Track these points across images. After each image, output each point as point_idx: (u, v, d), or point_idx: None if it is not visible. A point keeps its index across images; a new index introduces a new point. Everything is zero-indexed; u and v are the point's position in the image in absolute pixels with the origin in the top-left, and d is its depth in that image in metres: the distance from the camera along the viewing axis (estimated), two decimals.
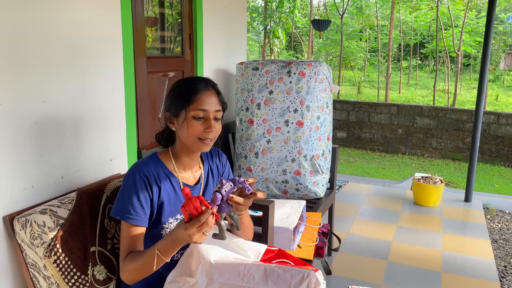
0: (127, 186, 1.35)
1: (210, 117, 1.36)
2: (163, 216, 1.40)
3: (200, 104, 1.35)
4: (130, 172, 1.38)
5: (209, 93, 1.37)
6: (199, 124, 1.35)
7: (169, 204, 1.41)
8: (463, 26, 12.18)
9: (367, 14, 16.83)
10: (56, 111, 1.63)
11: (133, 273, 1.30)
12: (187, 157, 1.45)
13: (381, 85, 15.33)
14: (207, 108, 1.36)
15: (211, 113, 1.36)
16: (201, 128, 1.35)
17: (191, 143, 1.38)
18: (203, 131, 1.35)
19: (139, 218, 1.33)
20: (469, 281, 2.73)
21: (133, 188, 1.34)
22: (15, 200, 1.47)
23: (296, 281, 1.24)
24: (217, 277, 1.29)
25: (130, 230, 1.33)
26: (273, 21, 14.47)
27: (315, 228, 2.24)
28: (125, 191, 1.36)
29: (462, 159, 7.39)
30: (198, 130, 1.35)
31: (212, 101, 1.37)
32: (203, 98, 1.36)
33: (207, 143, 1.38)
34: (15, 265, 1.48)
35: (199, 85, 1.38)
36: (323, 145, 2.66)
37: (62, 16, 1.62)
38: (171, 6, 2.61)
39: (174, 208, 1.43)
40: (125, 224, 1.34)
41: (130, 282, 1.34)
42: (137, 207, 1.34)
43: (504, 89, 17.21)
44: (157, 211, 1.39)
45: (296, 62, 2.61)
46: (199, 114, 1.35)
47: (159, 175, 1.40)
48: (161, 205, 1.40)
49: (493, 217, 4.03)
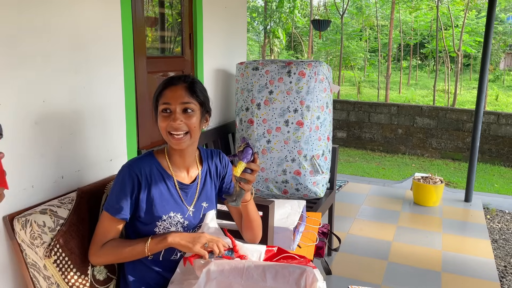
0: (116, 181, 1.41)
1: (176, 110, 1.37)
2: (155, 212, 1.42)
3: (165, 98, 1.39)
4: (122, 167, 1.42)
5: (176, 87, 1.40)
6: (166, 118, 1.38)
7: (161, 201, 1.43)
8: (463, 26, 12.18)
9: (367, 14, 16.82)
10: (56, 111, 1.63)
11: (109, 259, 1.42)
12: (177, 156, 1.47)
13: (381, 85, 15.33)
14: (171, 101, 1.38)
15: (177, 106, 1.38)
16: (167, 121, 1.38)
17: (166, 139, 1.42)
18: (168, 124, 1.37)
19: (121, 211, 1.38)
20: (469, 281, 2.73)
21: (121, 183, 1.39)
22: (15, 200, 1.47)
23: (294, 277, 1.25)
24: (216, 275, 1.29)
25: (111, 221, 1.40)
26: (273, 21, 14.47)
27: (315, 228, 2.24)
28: (114, 185, 1.41)
29: (462, 159, 7.39)
30: (164, 123, 1.38)
31: (177, 94, 1.38)
32: (168, 92, 1.39)
33: (176, 137, 1.38)
34: (15, 265, 1.48)
35: (172, 81, 1.42)
36: (323, 145, 2.66)
37: (62, 16, 1.62)
38: (171, 6, 2.61)
39: (167, 206, 1.44)
40: (107, 214, 1.40)
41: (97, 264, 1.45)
42: (122, 201, 1.38)
43: (504, 89, 17.21)
44: (148, 207, 1.41)
45: (296, 62, 2.61)
46: (165, 107, 1.38)
47: (151, 172, 1.42)
48: (152, 202, 1.41)
49: (493, 217, 4.03)
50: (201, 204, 1.51)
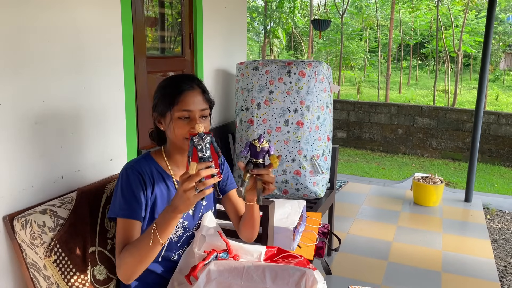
0: (121, 184, 1.35)
1: (196, 117, 1.35)
2: (156, 214, 1.39)
3: (184, 105, 1.34)
4: (122, 170, 1.38)
5: (193, 93, 1.36)
6: (185, 124, 1.34)
7: (162, 202, 1.41)
8: (463, 26, 12.19)
9: (367, 14, 16.83)
10: (56, 111, 1.63)
11: (131, 264, 1.25)
12: (179, 155, 1.45)
13: (381, 85, 15.34)
14: (191, 108, 1.34)
15: (196, 112, 1.35)
16: (187, 128, 1.34)
17: (179, 143, 1.38)
18: (189, 130, 1.34)
19: (134, 212, 1.32)
20: (469, 281, 2.73)
21: (127, 185, 1.34)
22: (15, 200, 1.47)
23: (294, 279, 1.25)
24: (216, 276, 1.29)
25: (125, 224, 1.32)
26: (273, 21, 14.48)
27: (315, 228, 2.24)
28: (119, 189, 1.35)
29: (462, 159, 7.39)
30: (184, 130, 1.34)
31: (196, 100, 1.36)
32: (187, 98, 1.35)
33: None
34: (15, 265, 1.48)
35: (183, 84, 1.37)
36: (323, 145, 2.66)
37: (62, 16, 1.62)
38: (171, 6, 2.61)
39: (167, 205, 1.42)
40: (120, 220, 1.32)
41: (127, 278, 1.28)
42: (132, 201, 1.33)
43: (504, 89, 17.21)
44: (150, 209, 1.39)
45: (296, 62, 2.61)
46: (184, 114, 1.34)
47: (152, 173, 1.40)
48: (154, 202, 1.39)
49: (493, 217, 4.03)
50: (200, 202, 1.51)
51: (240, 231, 1.55)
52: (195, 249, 1.42)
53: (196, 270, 1.33)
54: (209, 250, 1.39)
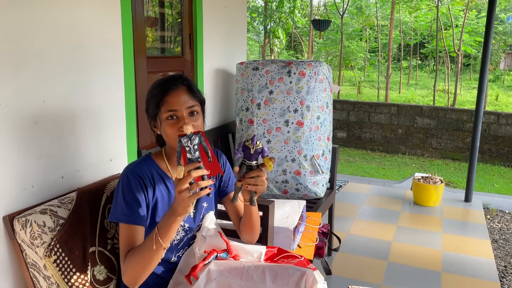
0: (122, 188, 1.34)
1: (183, 116, 1.34)
2: (157, 217, 1.39)
3: (170, 105, 1.34)
4: (123, 174, 1.37)
5: (177, 92, 1.35)
6: (174, 124, 1.34)
7: (163, 204, 1.40)
8: (463, 26, 12.19)
9: (367, 14, 16.83)
10: (56, 111, 1.63)
11: (135, 269, 1.25)
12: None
13: (381, 85, 15.34)
14: (177, 107, 1.34)
15: (183, 111, 1.34)
16: (176, 127, 1.33)
17: (173, 144, 1.37)
18: (178, 130, 1.33)
19: (136, 217, 1.32)
20: (469, 281, 2.73)
21: (128, 189, 1.33)
22: (15, 200, 1.47)
23: (294, 279, 1.25)
24: (216, 275, 1.29)
25: (128, 230, 1.31)
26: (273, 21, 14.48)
27: (315, 228, 2.24)
28: (120, 193, 1.34)
29: (462, 159, 7.39)
30: (173, 130, 1.34)
31: (182, 99, 1.35)
32: (171, 98, 1.34)
33: None
34: (15, 265, 1.48)
35: (168, 85, 1.36)
36: (323, 145, 2.66)
37: (62, 16, 1.62)
38: (171, 6, 2.61)
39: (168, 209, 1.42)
40: (123, 225, 1.32)
41: (133, 284, 1.29)
42: (134, 206, 1.32)
43: (504, 89, 17.21)
44: (152, 211, 1.38)
45: (296, 62, 2.61)
46: (170, 114, 1.34)
47: (152, 176, 1.39)
48: (155, 205, 1.39)
49: (493, 217, 4.03)
50: (201, 204, 1.51)
51: (241, 232, 1.55)
52: (196, 249, 1.42)
53: (196, 270, 1.33)
54: (209, 250, 1.39)
